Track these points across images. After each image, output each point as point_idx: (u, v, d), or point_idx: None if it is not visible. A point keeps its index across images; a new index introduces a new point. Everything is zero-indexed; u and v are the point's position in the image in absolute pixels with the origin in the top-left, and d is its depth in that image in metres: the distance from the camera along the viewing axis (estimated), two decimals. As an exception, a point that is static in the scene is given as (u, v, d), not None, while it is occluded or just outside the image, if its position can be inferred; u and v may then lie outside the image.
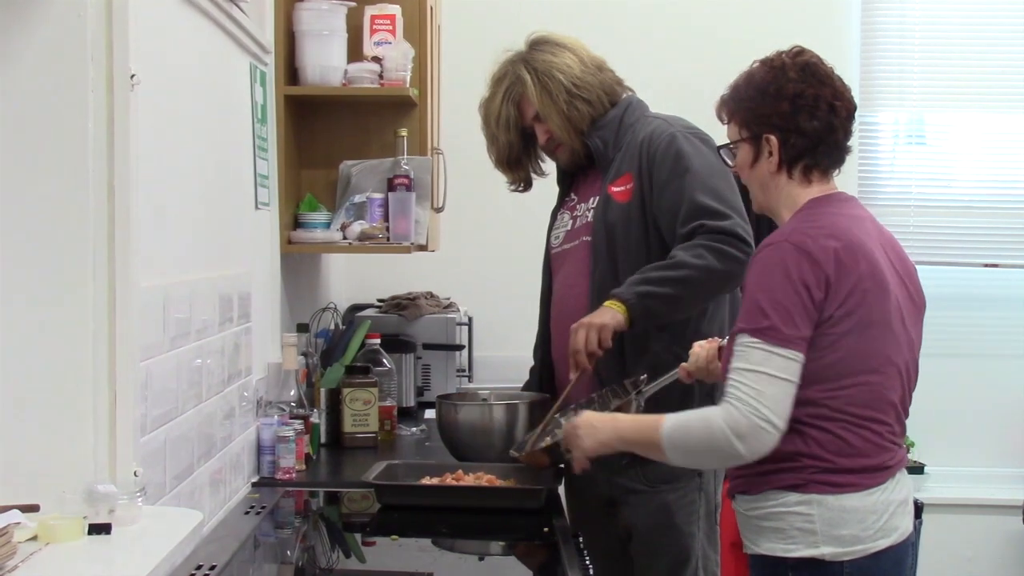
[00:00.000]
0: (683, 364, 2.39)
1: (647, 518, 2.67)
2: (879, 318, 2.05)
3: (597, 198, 2.71)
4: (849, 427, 2.03)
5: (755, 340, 1.99)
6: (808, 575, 2.03)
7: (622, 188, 2.66)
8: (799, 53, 2.15)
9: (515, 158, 2.84)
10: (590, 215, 2.71)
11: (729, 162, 2.22)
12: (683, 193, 2.55)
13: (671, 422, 2.07)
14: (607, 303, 2.52)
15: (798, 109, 2.10)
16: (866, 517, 2.03)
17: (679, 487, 2.65)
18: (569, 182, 2.87)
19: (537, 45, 2.75)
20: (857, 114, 2.13)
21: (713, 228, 2.51)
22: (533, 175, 2.91)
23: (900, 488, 2.09)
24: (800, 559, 2.03)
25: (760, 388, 1.97)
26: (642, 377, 2.46)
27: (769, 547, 2.07)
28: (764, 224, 2.28)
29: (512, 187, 2.92)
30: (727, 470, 2.23)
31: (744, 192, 2.34)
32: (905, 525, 2.09)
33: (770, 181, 2.15)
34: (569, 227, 2.78)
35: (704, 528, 2.68)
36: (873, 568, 2.04)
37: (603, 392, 2.56)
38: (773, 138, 2.11)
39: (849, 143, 2.17)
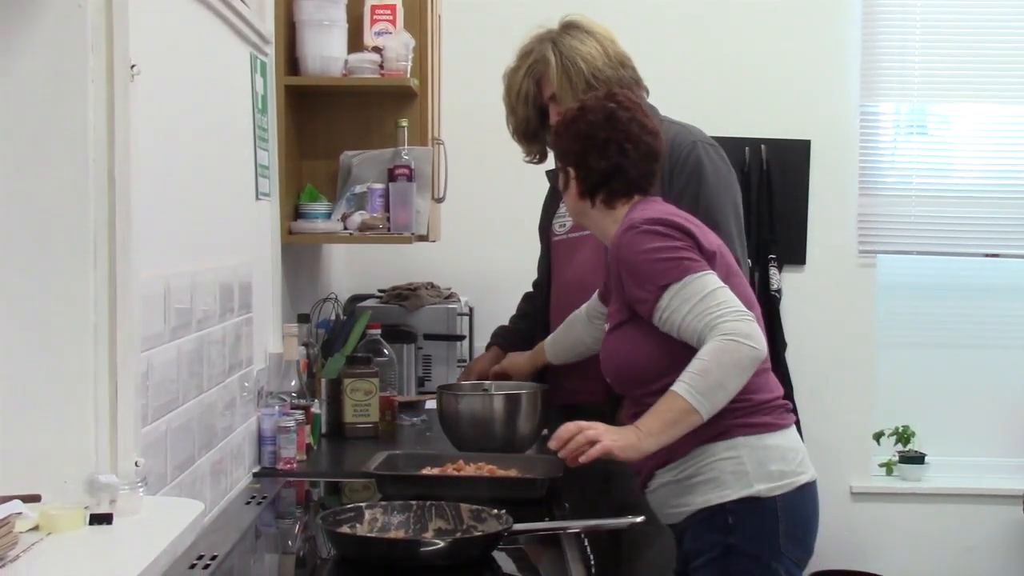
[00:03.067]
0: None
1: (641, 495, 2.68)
2: (735, 274, 2.28)
3: None
4: None
5: (681, 281, 2.16)
6: (745, 514, 2.18)
7: None
8: (609, 97, 2.38)
9: (531, 132, 2.89)
10: None
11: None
12: (697, 201, 2.64)
13: (690, 387, 2.12)
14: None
15: (587, 150, 2.34)
16: (787, 453, 2.23)
17: None
18: None
19: (568, 28, 2.81)
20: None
21: None
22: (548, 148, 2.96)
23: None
24: (736, 500, 2.18)
25: (720, 299, 2.15)
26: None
27: (704, 499, 2.20)
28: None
29: (527, 159, 2.98)
30: (633, 464, 2.26)
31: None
32: (813, 469, 2.27)
33: (579, 207, 2.40)
34: None
35: None
36: (799, 501, 2.22)
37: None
38: (572, 170, 2.38)
39: (652, 175, 2.38)
